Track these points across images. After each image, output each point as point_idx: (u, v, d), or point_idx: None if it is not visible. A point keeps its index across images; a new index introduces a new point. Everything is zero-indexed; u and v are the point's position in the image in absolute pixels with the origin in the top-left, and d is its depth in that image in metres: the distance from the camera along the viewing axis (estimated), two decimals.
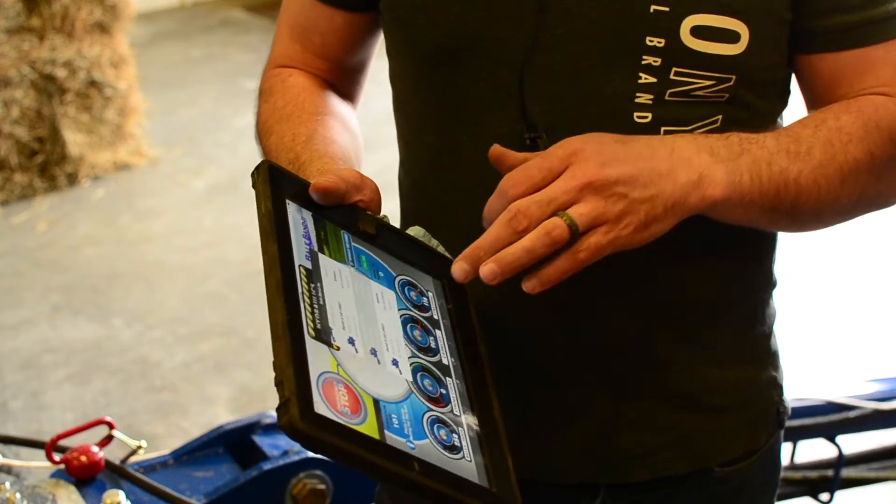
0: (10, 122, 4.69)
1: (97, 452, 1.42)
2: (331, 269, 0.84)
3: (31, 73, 4.72)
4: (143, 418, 3.09)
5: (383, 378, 0.81)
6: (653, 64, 0.92)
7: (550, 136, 0.94)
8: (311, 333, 0.78)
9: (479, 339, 0.90)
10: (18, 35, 4.74)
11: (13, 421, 3.10)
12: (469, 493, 0.77)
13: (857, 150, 0.94)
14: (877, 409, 1.82)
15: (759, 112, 0.99)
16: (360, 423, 0.76)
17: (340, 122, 1.05)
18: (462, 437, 0.82)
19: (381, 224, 0.91)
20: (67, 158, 4.83)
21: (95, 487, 1.40)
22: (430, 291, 0.92)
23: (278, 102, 1.07)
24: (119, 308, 3.76)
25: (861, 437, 1.93)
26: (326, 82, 1.12)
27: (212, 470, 1.56)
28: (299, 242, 0.83)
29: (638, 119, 0.94)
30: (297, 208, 0.86)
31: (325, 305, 0.81)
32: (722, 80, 0.94)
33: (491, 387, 0.87)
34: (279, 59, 1.14)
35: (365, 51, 1.14)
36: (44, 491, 1.35)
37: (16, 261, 4.18)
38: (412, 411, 0.80)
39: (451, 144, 1.01)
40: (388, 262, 0.91)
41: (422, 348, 0.86)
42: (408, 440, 0.78)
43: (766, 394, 1.14)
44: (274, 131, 1.03)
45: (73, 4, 4.79)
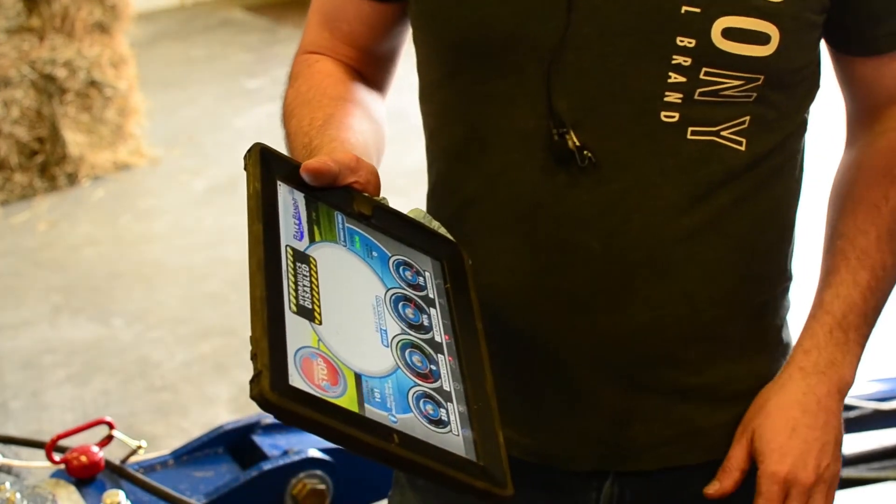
0: (10, 122, 4.69)
1: (97, 452, 1.42)
2: (320, 249, 0.85)
3: (31, 73, 4.72)
4: (143, 418, 3.09)
5: (367, 353, 0.82)
6: (683, 64, 0.94)
7: (577, 132, 0.96)
8: (293, 308, 0.79)
9: (477, 317, 0.91)
10: (18, 35, 4.74)
11: (13, 421, 3.10)
12: (452, 465, 0.78)
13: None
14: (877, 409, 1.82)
15: (785, 111, 1.01)
16: (337, 396, 0.76)
17: (362, 109, 1.05)
18: (450, 413, 0.83)
19: (378, 205, 0.92)
20: (67, 158, 4.83)
21: (95, 487, 1.40)
22: (428, 271, 0.93)
23: (302, 87, 1.08)
24: (119, 308, 3.76)
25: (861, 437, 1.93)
26: (354, 70, 1.13)
27: (212, 470, 1.56)
28: (288, 223, 0.84)
29: (665, 118, 0.96)
30: (288, 190, 0.87)
31: (311, 283, 0.82)
32: (751, 80, 0.95)
33: (485, 363, 0.88)
34: (309, 46, 1.14)
35: (393, 40, 1.14)
36: (44, 491, 1.35)
37: (16, 261, 4.18)
38: (397, 386, 0.81)
39: (477, 136, 1.02)
40: (384, 242, 0.91)
41: (413, 325, 0.87)
42: (390, 413, 0.79)
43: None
44: (295, 115, 1.04)
45: (73, 4, 4.79)
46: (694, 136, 0.97)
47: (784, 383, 1.04)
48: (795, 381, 1.04)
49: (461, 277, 0.93)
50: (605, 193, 0.97)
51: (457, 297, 0.92)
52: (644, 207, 0.98)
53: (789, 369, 1.05)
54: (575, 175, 0.97)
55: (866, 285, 1.04)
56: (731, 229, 1.01)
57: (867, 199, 1.05)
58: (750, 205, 1.02)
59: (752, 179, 1.01)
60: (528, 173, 0.99)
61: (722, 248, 1.02)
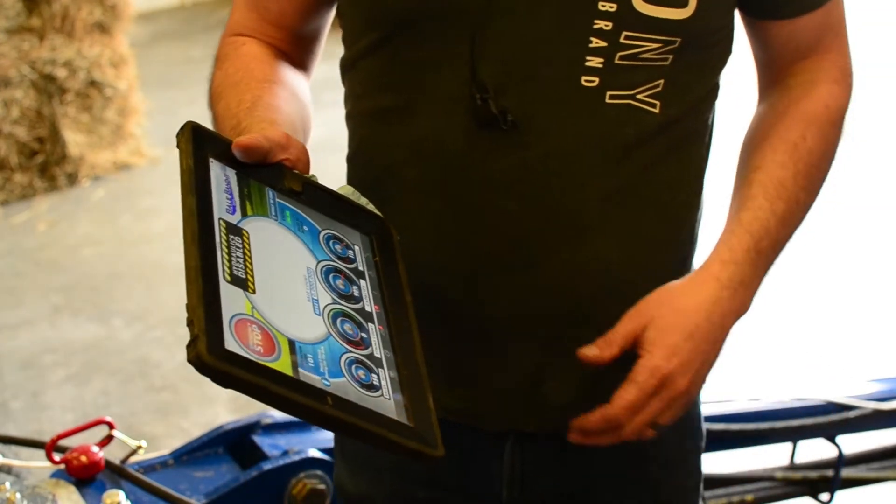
0: (10, 122, 4.69)
1: (97, 452, 1.42)
2: (252, 223, 0.88)
3: (31, 73, 4.73)
4: (143, 418, 3.09)
5: (300, 321, 0.84)
6: (604, 28, 0.97)
7: (501, 97, 0.99)
8: (227, 278, 0.81)
9: (405, 288, 0.94)
10: (18, 35, 4.74)
11: (13, 421, 3.10)
12: (384, 426, 0.81)
13: (826, 164, 1.09)
14: (877, 409, 1.82)
15: (698, 75, 1.05)
16: (272, 360, 0.79)
17: (288, 89, 1.07)
18: (381, 378, 0.85)
19: (308, 182, 0.94)
20: (67, 158, 4.84)
21: (95, 487, 1.39)
22: (357, 245, 0.95)
23: (229, 70, 1.09)
24: (119, 308, 3.76)
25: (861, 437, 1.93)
26: (280, 51, 1.14)
27: (212, 470, 1.56)
28: (220, 198, 0.86)
29: (585, 83, 0.99)
30: (220, 167, 0.89)
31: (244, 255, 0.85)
32: (668, 42, 0.99)
33: (414, 332, 0.91)
34: (235, 28, 1.16)
35: (319, 19, 1.16)
36: (44, 491, 1.35)
37: (16, 261, 4.18)
38: (329, 352, 0.84)
39: (403, 102, 1.04)
40: (314, 217, 0.94)
41: (344, 296, 0.90)
42: (323, 377, 0.81)
43: None
44: (223, 97, 1.05)
45: (73, 4, 4.79)
46: (612, 101, 1.00)
47: (697, 287, 1.03)
48: (709, 289, 1.02)
49: (389, 251, 0.97)
50: (525, 157, 1.00)
51: (385, 269, 0.95)
52: (563, 171, 1.01)
53: (704, 276, 1.03)
54: (497, 139, 1.00)
55: (782, 216, 1.05)
56: (646, 193, 1.04)
57: (785, 138, 1.07)
58: (663, 169, 1.05)
59: (665, 143, 1.04)
60: (453, 138, 1.01)
61: (636, 212, 1.05)
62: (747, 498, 1.84)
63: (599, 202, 1.02)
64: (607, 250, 1.04)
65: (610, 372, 1.07)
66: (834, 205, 4.36)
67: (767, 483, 1.87)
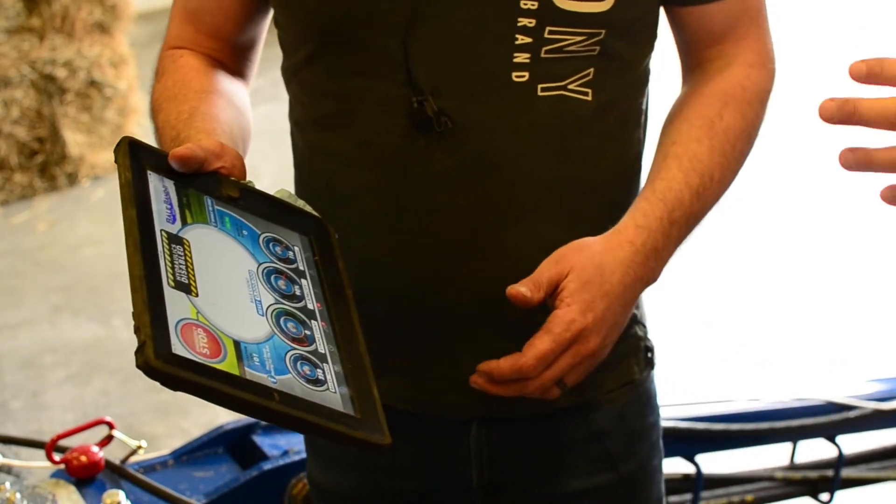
0: (10, 122, 4.69)
1: (97, 452, 1.42)
2: (193, 231, 0.91)
3: (31, 73, 4.73)
4: (143, 418, 3.09)
5: (244, 322, 0.87)
6: (528, 25, 1.00)
7: (436, 99, 1.02)
8: (171, 283, 0.84)
9: (346, 285, 0.97)
10: (18, 35, 4.74)
11: (13, 421, 3.10)
12: (331, 419, 0.84)
13: (742, 143, 1.10)
14: (877, 409, 1.82)
15: (628, 61, 1.08)
16: (218, 361, 0.81)
17: (226, 99, 1.10)
18: (326, 372, 0.88)
19: (245, 188, 0.97)
20: (67, 158, 4.84)
21: (95, 487, 1.40)
22: (297, 246, 0.98)
23: (168, 82, 1.12)
24: (119, 308, 3.76)
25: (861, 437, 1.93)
26: (218, 62, 1.17)
27: (212, 470, 1.56)
28: (160, 208, 0.90)
29: (516, 79, 1.02)
30: (158, 178, 0.92)
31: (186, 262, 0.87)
32: (593, 34, 1.02)
33: (357, 326, 0.94)
34: (173, 41, 1.19)
35: (255, 29, 1.19)
36: (44, 491, 1.35)
37: (16, 261, 4.18)
38: (274, 350, 0.86)
39: (345, 108, 1.07)
40: (253, 221, 0.97)
41: (286, 296, 0.92)
42: (269, 375, 0.83)
43: (630, 330, 1.18)
44: (162, 109, 1.08)
45: (73, 4, 4.79)
46: (544, 93, 1.03)
47: (614, 247, 1.02)
48: (624, 251, 1.01)
49: (328, 250, 0.99)
50: (465, 154, 1.03)
51: (326, 268, 0.98)
52: (504, 164, 1.04)
53: (619, 238, 1.02)
54: (436, 139, 1.03)
55: (696, 189, 1.06)
56: (586, 178, 1.08)
57: (702, 114, 1.09)
58: (600, 155, 1.08)
59: (601, 130, 1.07)
60: (394, 139, 1.05)
61: (578, 198, 1.08)
62: (747, 498, 1.84)
63: (542, 191, 1.06)
64: (554, 236, 1.06)
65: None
66: (833, 205, 4.36)
67: (767, 483, 1.88)
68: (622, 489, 1.21)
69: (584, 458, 1.19)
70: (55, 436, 1.42)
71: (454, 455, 1.18)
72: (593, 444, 1.18)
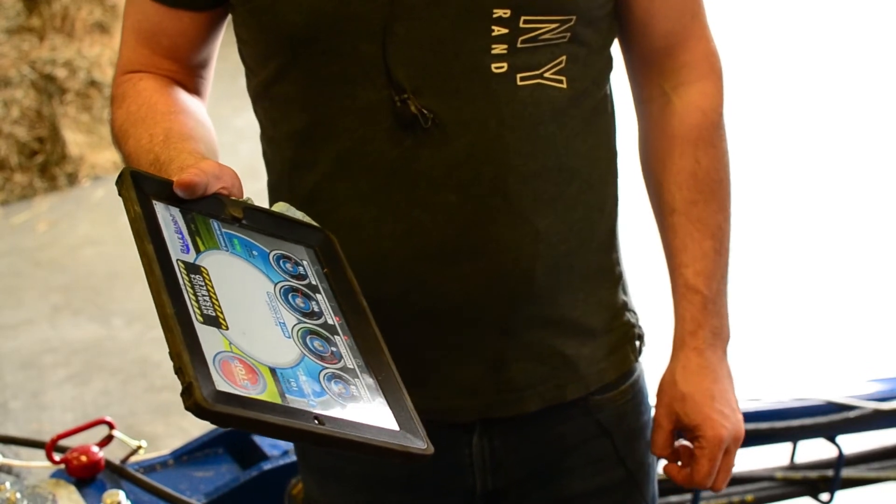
0: (10, 122, 4.69)
1: (97, 452, 1.42)
2: (207, 258, 0.90)
3: (31, 73, 4.73)
4: (143, 418, 3.09)
5: (274, 347, 0.87)
6: (503, 16, 1.02)
7: (418, 97, 1.02)
8: (200, 319, 0.83)
9: (359, 293, 0.97)
10: (18, 35, 4.74)
11: (13, 421, 3.10)
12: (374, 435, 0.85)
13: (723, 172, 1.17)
14: (877, 409, 1.82)
15: (594, 47, 1.10)
16: (261, 392, 0.82)
17: (193, 118, 1.09)
18: (359, 387, 0.89)
19: (247, 206, 0.97)
20: (67, 158, 4.84)
21: (95, 487, 1.40)
22: (305, 260, 0.98)
23: (132, 107, 1.10)
24: (119, 308, 3.76)
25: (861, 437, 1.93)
26: (175, 82, 1.16)
27: (212, 470, 1.56)
28: (172, 239, 0.89)
29: (496, 70, 1.03)
30: (164, 207, 0.91)
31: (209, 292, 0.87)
32: (564, 21, 1.05)
33: (378, 336, 0.95)
34: (127, 66, 1.17)
35: (210, 47, 1.19)
36: (44, 491, 1.35)
37: (16, 261, 4.18)
38: (308, 372, 0.87)
39: (322, 120, 1.07)
40: (260, 240, 0.96)
41: (306, 314, 0.93)
42: (308, 399, 0.84)
43: (622, 316, 1.21)
44: (131, 135, 1.06)
45: (73, 4, 4.79)
46: (523, 82, 1.05)
47: (686, 366, 1.17)
48: (696, 361, 1.17)
49: (335, 260, 1.00)
50: (452, 150, 1.04)
51: (336, 278, 0.98)
52: (490, 157, 1.05)
53: (685, 352, 1.17)
54: (421, 137, 1.03)
55: (714, 251, 1.16)
56: (569, 165, 1.09)
57: (684, 169, 1.16)
58: (580, 141, 1.10)
59: (578, 116, 1.09)
60: (378, 144, 1.04)
61: (563, 183, 1.09)
62: (747, 498, 1.84)
63: (529, 180, 1.07)
64: (546, 225, 1.08)
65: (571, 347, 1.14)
66: (833, 205, 4.36)
67: (767, 483, 1.87)
68: (624, 488, 1.22)
69: (587, 458, 1.19)
70: (55, 436, 1.42)
71: (456, 463, 1.17)
72: (596, 445, 1.19)
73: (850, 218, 4.26)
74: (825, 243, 4.08)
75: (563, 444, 1.18)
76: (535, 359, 1.13)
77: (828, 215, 4.31)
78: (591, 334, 1.16)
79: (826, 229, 4.19)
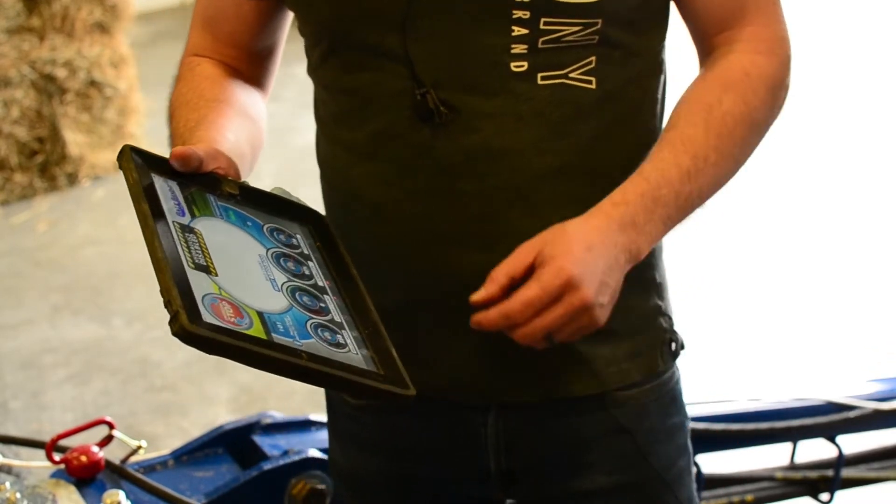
0: (10, 122, 4.69)
1: (97, 452, 1.42)
2: (202, 222, 0.96)
3: (31, 73, 4.73)
4: (143, 418, 3.09)
5: (263, 297, 0.92)
6: (523, 17, 1.02)
7: (438, 91, 1.04)
8: (191, 265, 0.89)
9: (351, 265, 1.03)
10: (18, 35, 4.74)
11: (13, 421, 3.10)
12: (358, 374, 0.89)
13: (743, 129, 1.07)
14: (877, 409, 1.82)
15: (632, 49, 1.08)
16: (247, 328, 0.86)
17: (235, 108, 1.13)
18: (346, 337, 0.93)
19: (243, 186, 1.02)
20: (67, 158, 4.84)
21: (95, 487, 1.40)
22: (298, 234, 1.04)
23: (183, 89, 1.16)
24: (119, 308, 3.76)
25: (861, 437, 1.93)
26: (235, 70, 1.21)
27: (212, 470, 1.56)
28: (169, 205, 0.94)
29: (515, 69, 1.04)
30: (163, 180, 0.97)
31: (201, 247, 0.92)
32: (589, 24, 1.03)
33: (367, 299, 0.99)
34: (193, 49, 1.22)
35: (272, 36, 1.22)
36: (44, 491, 1.35)
37: (16, 261, 4.18)
38: (295, 319, 0.91)
39: (358, 102, 1.11)
40: (255, 214, 1.02)
41: (296, 275, 0.98)
42: (294, 339, 0.88)
43: (654, 321, 1.19)
44: (174, 116, 1.14)
45: (73, 4, 4.79)
46: (544, 82, 1.04)
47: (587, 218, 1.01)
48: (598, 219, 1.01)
49: (328, 238, 1.05)
50: (469, 143, 1.05)
51: (328, 251, 1.03)
52: (508, 151, 1.06)
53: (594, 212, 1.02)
54: (439, 129, 1.05)
55: (686, 169, 1.04)
56: (593, 165, 1.08)
57: (702, 100, 1.08)
58: (608, 141, 1.09)
59: (609, 117, 1.08)
60: (402, 130, 1.07)
61: (586, 183, 1.08)
62: (747, 498, 1.84)
63: (547, 177, 1.07)
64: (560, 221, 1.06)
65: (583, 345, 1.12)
66: (833, 204, 4.36)
67: (767, 483, 1.88)
68: (651, 488, 1.21)
69: (606, 454, 1.19)
70: (55, 436, 1.42)
71: (472, 442, 1.19)
72: (615, 441, 1.19)
73: (850, 218, 4.26)
74: (825, 243, 4.08)
75: (578, 436, 1.18)
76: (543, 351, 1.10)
77: (828, 215, 4.31)
78: (610, 335, 1.13)
79: (826, 229, 4.19)
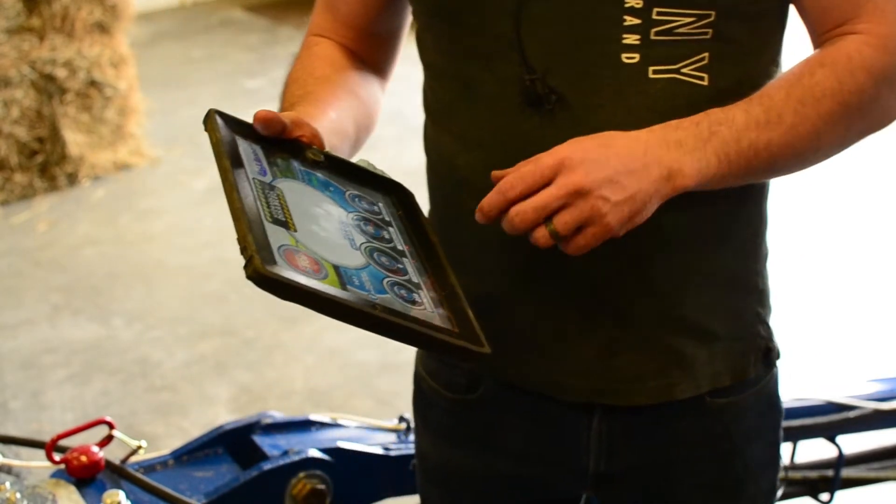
0: (10, 122, 4.69)
1: (97, 452, 1.42)
2: (283, 182, 0.96)
3: (31, 73, 4.72)
4: (143, 418, 3.09)
5: (341, 252, 0.92)
6: (636, 6, 1.01)
7: (549, 78, 1.03)
8: (269, 219, 0.89)
9: (431, 232, 1.03)
10: (18, 35, 4.73)
11: (13, 421, 3.10)
12: (432, 329, 0.88)
13: (831, 103, 1.02)
14: (877, 409, 1.82)
15: (748, 47, 1.06)
16: (323, 278, 0.86)
17: (345, 87, 1.15)
18: (422, 297, 0.93)
19: (328, 154, 1.02)
20: (67, 158, 4.83)
21: (95, 487, 1.40)
22: (380, 202, 1.04)
23: (297, 66, 1.19)
24: (119, 308, 3.76)
25: (861, 437, 1.93)
26: (354, 52, 1.22)
27: (212, 470, 1.56)
28: (251, 165, 0.95)
29: (626, 60, 1.02)
30: (247, 143, 0.98)
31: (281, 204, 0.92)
32: (702, 16, 1.01)
33: (446, 264, 0.99)
34: (314, 29, 1.25)
35: (391, 20, 1.23)
36: (44, 491, 1.35)
37: (16, 261, 4.18)
38: (371, 276, 0.91)
39: (467, 87, 1.10)
40: (338, 181, 1.02)
41: (376, 238, 0.98)
42: (369, 293, 0.88)
43: (752, 327, 1.19)
44: (286, 92, 1.16)
45: (73, 4, 4.78)
46: (655, 75, 1.03)
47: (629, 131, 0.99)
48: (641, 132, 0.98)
49: (410, 207, 1.05)
50: (578, 132, 1.02)
51: (410, 220, 1.04)
52: None
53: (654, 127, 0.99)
54: (548, 117, 1.04)
55: (755, 117, 1.00)
56: None
57: (794, 71, 1.05)
58: None
59: None
60: (510, 117, 1.06)
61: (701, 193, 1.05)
62: None
63: None
64: (670, 222, 1.05)
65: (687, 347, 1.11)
66: (833, 204, 4.36)
67: None
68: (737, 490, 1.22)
69: (702, 455, 1.19)
70: (55, 436, 1.43)
71: (574, 442, 1.18)
72: (712, 444, 1.19)
73: (850, 218, 4.26)
74: (825, 243, 4.08)
75: (678, 440, 1.18)
76: (648, 352, 1.12)
77: (827, 215, 4.31)
78: (712, 337, 1.14)
79: (826, 229, 4.19)
